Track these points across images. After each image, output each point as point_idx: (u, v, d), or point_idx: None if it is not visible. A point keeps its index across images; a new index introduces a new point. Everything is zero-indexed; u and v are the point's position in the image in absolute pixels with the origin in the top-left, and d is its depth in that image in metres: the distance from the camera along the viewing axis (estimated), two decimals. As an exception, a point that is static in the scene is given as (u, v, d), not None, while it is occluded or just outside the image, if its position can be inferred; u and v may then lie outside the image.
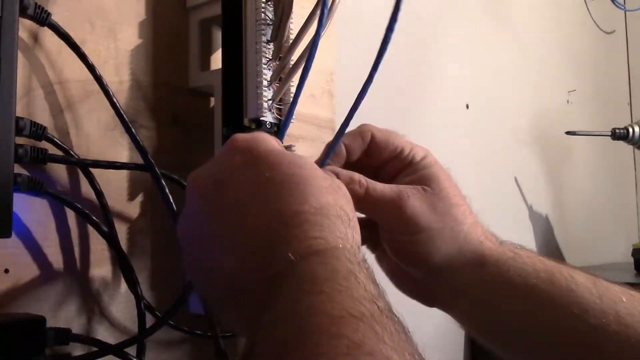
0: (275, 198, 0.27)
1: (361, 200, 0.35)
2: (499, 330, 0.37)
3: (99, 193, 0.38)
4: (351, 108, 0.34)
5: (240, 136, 0.31)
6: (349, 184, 0.35)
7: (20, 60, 0.34)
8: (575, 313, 0.33)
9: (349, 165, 0.38)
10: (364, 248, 0.40)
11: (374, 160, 0.38)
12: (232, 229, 0.28)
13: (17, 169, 0.32)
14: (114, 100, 0.37)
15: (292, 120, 0.37)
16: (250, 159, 0.29)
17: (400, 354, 0.20)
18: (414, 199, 0.36)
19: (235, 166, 0.29)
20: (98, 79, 0.37)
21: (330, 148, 0.36)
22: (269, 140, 0.31)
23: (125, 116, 0.38)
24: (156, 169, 0.39)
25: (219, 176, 0.29)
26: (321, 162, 0.36)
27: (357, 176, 0.36)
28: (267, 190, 0.28)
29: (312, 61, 0.35)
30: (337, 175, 0.35)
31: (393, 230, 0.37)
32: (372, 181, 0.36)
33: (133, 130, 0.38)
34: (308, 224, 0.26)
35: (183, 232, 0.31)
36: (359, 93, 0.34)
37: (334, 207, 0.28)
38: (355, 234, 0.28)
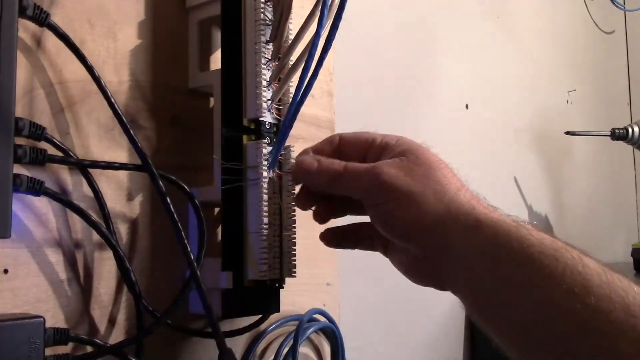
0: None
1: (341, 176, 0.37)
2: (493, 304, 0.35)
3: (98, 193, 0.38)
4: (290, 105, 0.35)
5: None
6: (330, 166, 0.38)
7: (20, 60, 0.34)
8: (577, 292, 0.31)
9: None
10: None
11: (350, 155, 0.40)
12: None
13: (17, 169, 0.32)
14: (112, 100, 0.37)
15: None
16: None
17: None
18: (389, 167, 0.37)
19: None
20: (97, 80, 0.37)
21: (278, 146, 0.38)
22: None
23: (123, 117, 0.38)
24: (153, 169, 0.38)
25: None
26: (270, 163, 0.39)
27: (337, 160, 0.39)
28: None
29: (312, 61, 0.35)
30: (319, 162, 0.38)
31: (376, 203, 0.37)
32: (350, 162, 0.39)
33: (131, 131, 0.38)
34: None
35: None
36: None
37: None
38: None
